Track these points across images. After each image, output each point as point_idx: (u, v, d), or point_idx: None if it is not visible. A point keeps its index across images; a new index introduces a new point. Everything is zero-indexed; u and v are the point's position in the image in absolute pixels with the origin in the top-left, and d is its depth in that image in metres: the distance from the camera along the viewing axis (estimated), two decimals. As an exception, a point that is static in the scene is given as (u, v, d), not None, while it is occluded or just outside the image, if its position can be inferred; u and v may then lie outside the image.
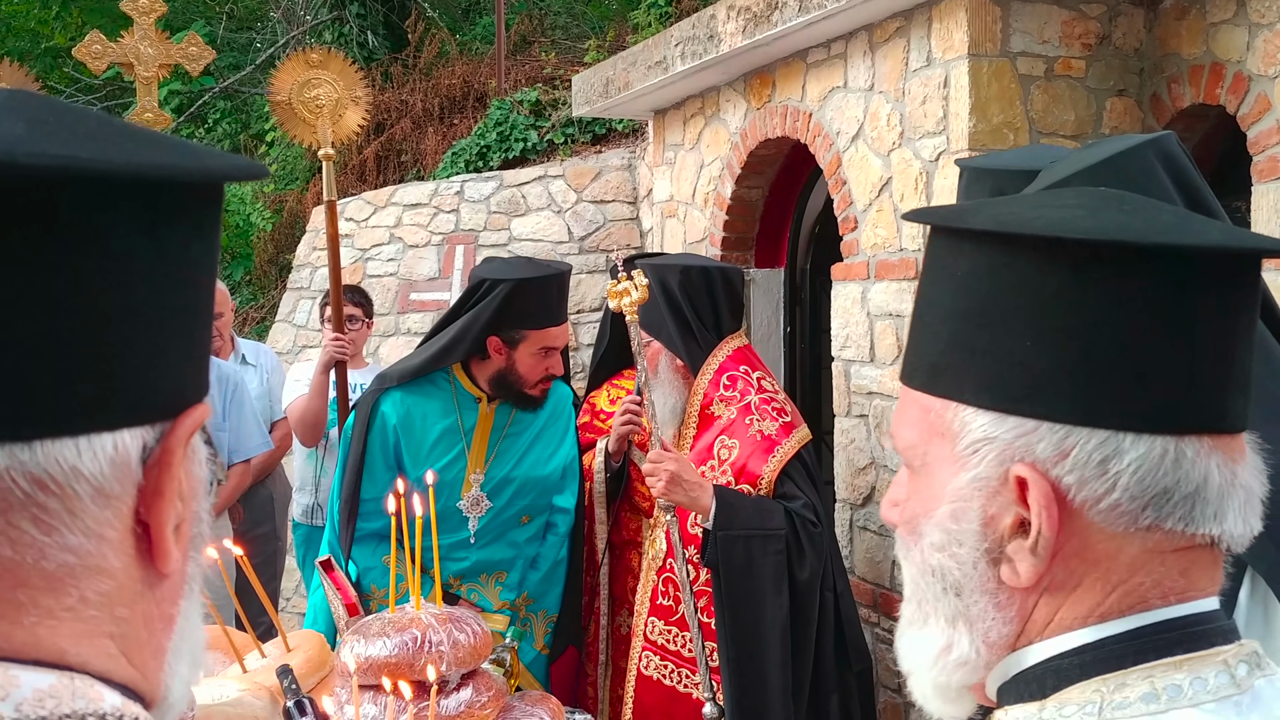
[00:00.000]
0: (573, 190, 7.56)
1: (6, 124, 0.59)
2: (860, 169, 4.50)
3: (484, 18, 13.00)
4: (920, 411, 0.91)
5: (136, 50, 4.33)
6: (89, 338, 0.60)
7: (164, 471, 0.65)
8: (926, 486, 0.91)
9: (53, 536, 0.61)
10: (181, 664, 0.72)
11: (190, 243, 0.66)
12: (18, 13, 15.33)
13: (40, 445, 0.59)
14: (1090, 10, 4.03)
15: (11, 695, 0.59)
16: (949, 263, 0.89)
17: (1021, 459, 0.84)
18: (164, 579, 0.68)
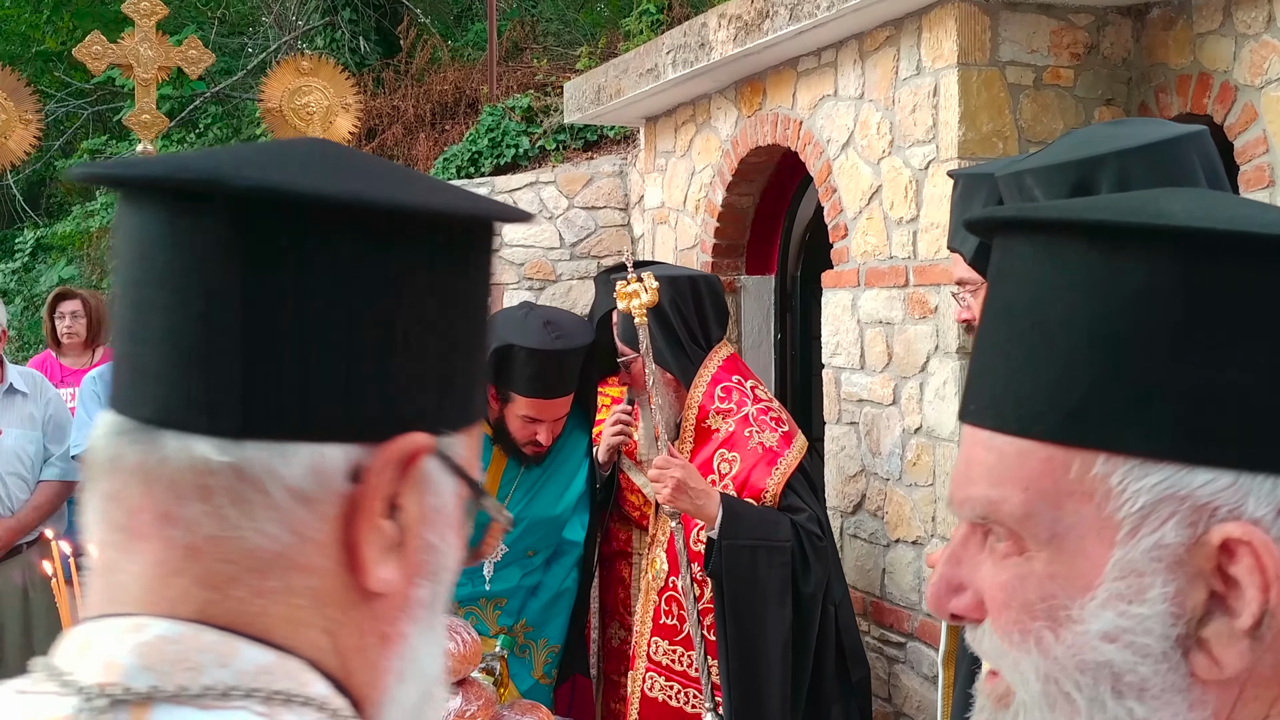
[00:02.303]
0: (564, 196, 7.57)
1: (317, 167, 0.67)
2: (850, 177, 4.52)
3: (476, 24, 13.02)
4: (1043, 467, 0.72)
5: (136, 52, 4.34)
6: (318, 356, 0.66)
7: (367, 490, 0.68)
8: (1063, 561, 0.72)
9: (253, 522, 0.66)
10: (405, 690, 0.73)
11: (448, 277, 0.71)
12: (9, 16, 15.31)
13: (245, 444, 0.65)
14: (1078, 20, 4.05)
15: (232, 664, 0.64)
16: (1113, 274, 0.69)
17: (1232, 518, 0.67)
18: (378, 597, 0.70)
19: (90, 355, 5.79)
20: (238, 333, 0.64)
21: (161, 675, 0.63)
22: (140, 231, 0.67)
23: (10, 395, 4.44)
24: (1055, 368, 0.71)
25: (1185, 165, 1.64)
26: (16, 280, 12.40)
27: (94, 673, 0.64)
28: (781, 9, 4.43)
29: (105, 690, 0.63)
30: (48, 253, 12.82)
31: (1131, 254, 0.69)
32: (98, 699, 0.62)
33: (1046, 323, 0.72)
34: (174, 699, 0.63)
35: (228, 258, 0.64)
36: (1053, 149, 1.81)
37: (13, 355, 9.69)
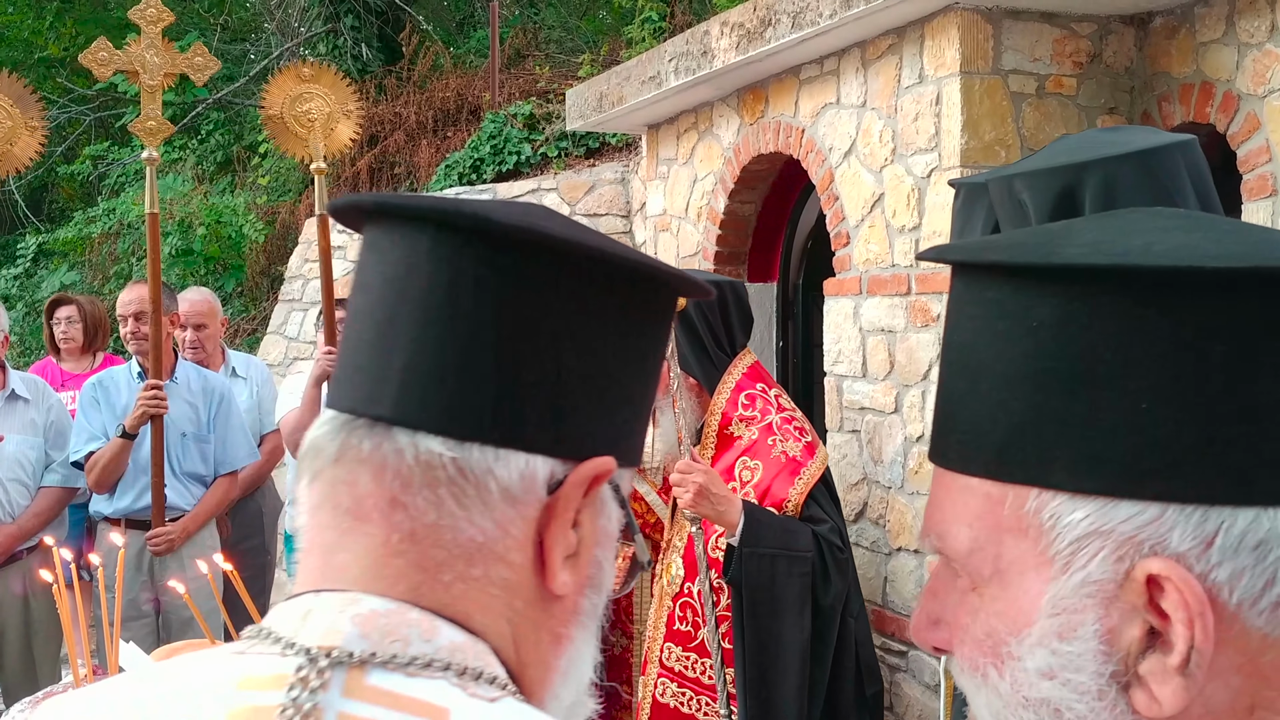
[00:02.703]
0: (566, 203, 7.57)
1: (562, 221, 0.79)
2: (852, 185, 4.51)
3: (478, 31, 13.04)
4: (983, 504, 0.72)
5: (142, 59, 4.33)
6: (539, 378, 0.77)
7: (561, 500, 0.78)
8: (1006, 598, 0.72)
9: (466, 512, 0.76)
10: (566, 689, 0.83)
11: (645, 329, 0.83)
12: (11, 23, 15.33)
13: (470, 445, 0.76)
14: (1081, 29, 4.05)
15: (434, 640, 0.74)
16: (1021, 311, 0.70)
17: (1153, 553, 0.66)
18: (556, 599, 0.80)
19: (90, 360, 5.79)
20: (482, 351, 0.76)
21: (375, 644, 0.73)
22: (395, 256, 0.78)
23: (12, 401, 4.43)
24: (985, 405, 0.72)
25: (1173, 174, 1.64)
26: (18, 286, 12.40)
27: (316, 637, 0.73)
28: (784, 17, 4.43)
29: (328, 653, 0.72)
30: (49, 258, 12.83)
31: (1034, 292, 0.69)
32: (321, 659, 0.72)
33: (974, 360, 0.73)
34: (385, 664, 0.72)
35: (483, 287, 0.76)
36: (1042, 154, 1.81)
37: (14, 361, 9.70)
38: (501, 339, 0.76)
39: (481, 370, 0.76)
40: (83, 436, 4.39)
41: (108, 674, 2.12)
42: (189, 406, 4.51)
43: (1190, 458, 0.65)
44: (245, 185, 11.79)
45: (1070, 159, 1.69)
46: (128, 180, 12.72)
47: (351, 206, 0.82)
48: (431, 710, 0.71)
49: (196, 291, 5.42)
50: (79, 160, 13.58)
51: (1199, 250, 0.66)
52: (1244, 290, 0.65)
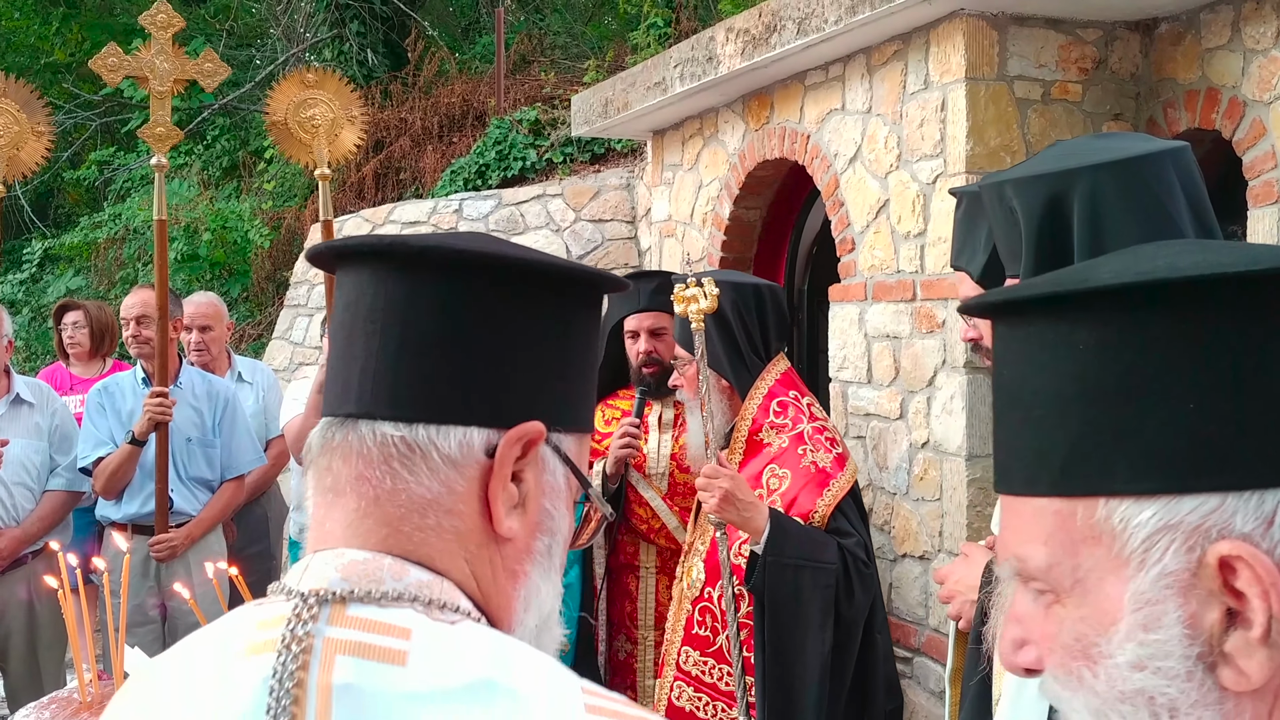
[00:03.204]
0: (571, 209, 7.58)
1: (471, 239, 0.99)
2: (858, 191, 4.52)
3: (484, 36, 13.06)
4: (1056, 520, 0.78)
5: (152, 64, 4.33)
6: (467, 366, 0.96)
7: (497, 460, 0.96)
8: (1090, 603, 0.78)
9: (415, 476, 0.95)
10: (528, 617, 1.02)
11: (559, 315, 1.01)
12: (18, 28, 15.37)
13: (415, 425, 0.95)
14: (1087, 35, 4.05)
15: (403, 579, 0.93)
16: (1063, 339, 0.77)
17: (1220, 537, 0.72)
18: (507, 541, 0.98)
19: (100, 364, 5.80)
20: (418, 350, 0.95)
21: (354, 584, 0.92)
22: (349, 286, 1.00)
23: (17, 405, 4.44)
24: (1042, 429, 0.79)
25: (1163, 181, 1.63)
26: (24, 291, 12.42)
27: (309, 584, 0.93)
28: (789, 23, 4.44)
29: (316, 594, 0.91)
30: (55, 263, 12.85)
31: (1074, 318, 0.77)
32: (311, 599, 0.91)
33: (1026, 391, 0.80)
34: (362, 600, 0.91)
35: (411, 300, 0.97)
36: (1033, 160, 1.81)
37: (20, 365, 9.71)
38: (430, 340, 0.95)
39: (419, 366, 0.95)
40: (90, 442, 4.40)
41: (112, 679, 2.13)
42: (194, 411, 4.52)
43: (1239, 448, 0.72)
44: (251, 190, 11.80)
45: (1058, 166, 1.69)
46: (134, 185, 12.74)
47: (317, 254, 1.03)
48: (397, 630, 0.89)
49: (202, 295, 5.44)
50: (85, 165, 13.60)
51: (1217, 263, 0.73)
52: (1266, 289, 0.72)
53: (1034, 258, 1.66)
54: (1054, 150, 1.77)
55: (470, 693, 0.87)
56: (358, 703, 0.86)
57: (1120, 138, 1.76)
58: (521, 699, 0.87)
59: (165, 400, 4.24)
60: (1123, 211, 1.60)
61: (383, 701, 0.86)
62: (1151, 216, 1.60)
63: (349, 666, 0.88)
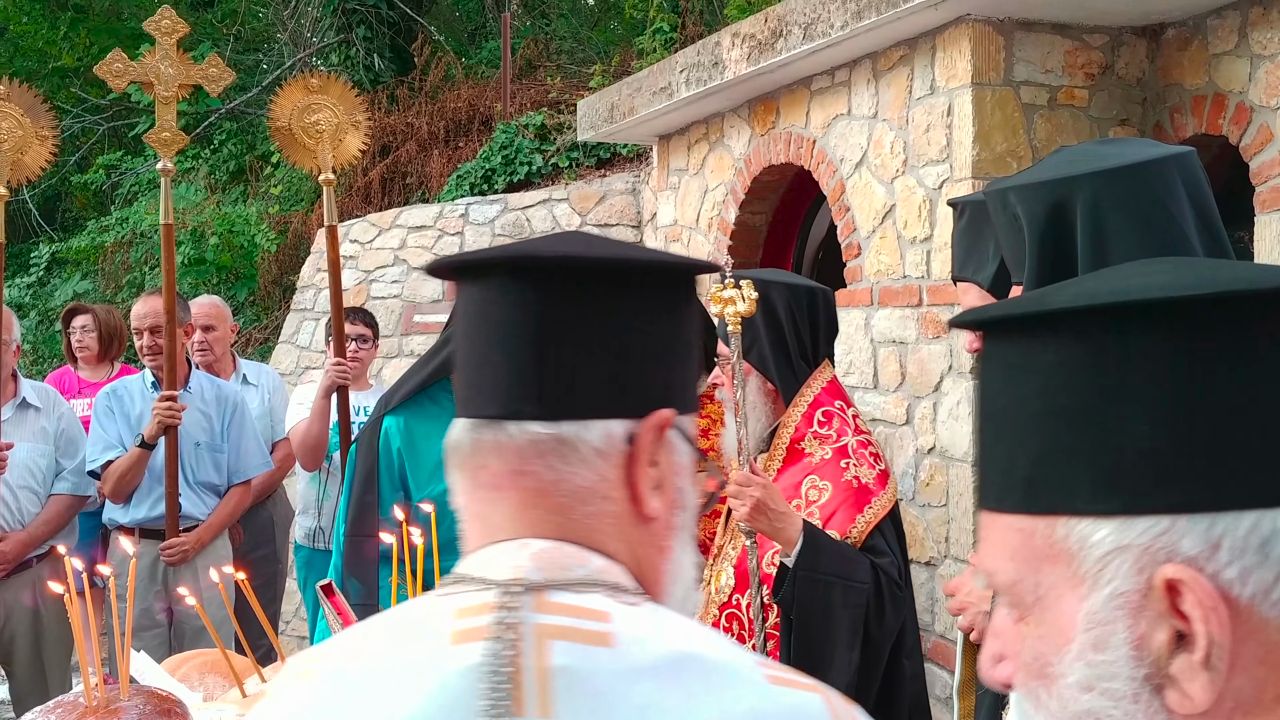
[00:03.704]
0: (577, 214, 7.58)
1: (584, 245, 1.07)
2: (864, 196, 4.51)
3: (490, 41, 13.07)
4: (1020, 538, 0.80)
5: (157, 70, 4.34)
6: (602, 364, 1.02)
7: (638, 447, 1.02)
8: (1048, 621, 0.79)
9: (571, 468, 1.01)
10: (677, 587, 1.08)
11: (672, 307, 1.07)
12: (26, 33, 15.42)
13: (561, 423, 1.01)
14: (1093, 40, 4.05)
15: (587, 565, 1.00)
16: (1030, 359, 0.79)
17: (1168, 560, 0.73)
18: (652, 520, 1.04)
19: (108, 368, 5.81)
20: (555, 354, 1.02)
21: (547, 572, 0.98)
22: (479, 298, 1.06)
23: (23, 409, 4.45)
24: (1009, 446, 0.80)
25: (1168, 187, 1.62)
26: (31, 295, 12.44)
27: (505, 574, 0.98)
28: (795, 28, 4.44)
29: (518, 582, 0.97)
30: (63, 267, 12.87)
31: (1038, 337, 0.78)
32: (514, 587, 0.97)
33: (998, 408, 0.82)
34: (558, 586, 0.97)
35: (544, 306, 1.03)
36: (1038, 167, 1.80)
37: (27, 369, 9.73)
38: (566, 342, 1.02)
39: (558, 367, 1.01)
40: (99, 446, 4.40)
41: (118, 683, 2.13)
42: (203, 416, 4.52)
43: (1190, 471, 0.72)
44: (258, 195, 11.82)
45: (1060, 173, 1.68)
46: (141, 190, 12.76)
47: (441, 267, 1.09)
48: (597, 614, 0.95)
49: (205, 297, 5.45)
50: (92, 169, 13.63)
51: (1173, 285, 0.74)
52: (1215, 313, 0.73)
53: (1037, 265, 1.65)
54: (1058, 156, 1.77)
55: (675, 667, 0.92)
56: (575, 684, 0.91)
57: (1125, 143, 1.75)
58: (719, 670, 0.93)
59: (174, 404, 4.25)
60: (1126, 218, 1.60)
61: (599, 681, 0.91)
62: (1156, 223, 1.59)
63: (563, 650, 0.93)
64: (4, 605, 4.35)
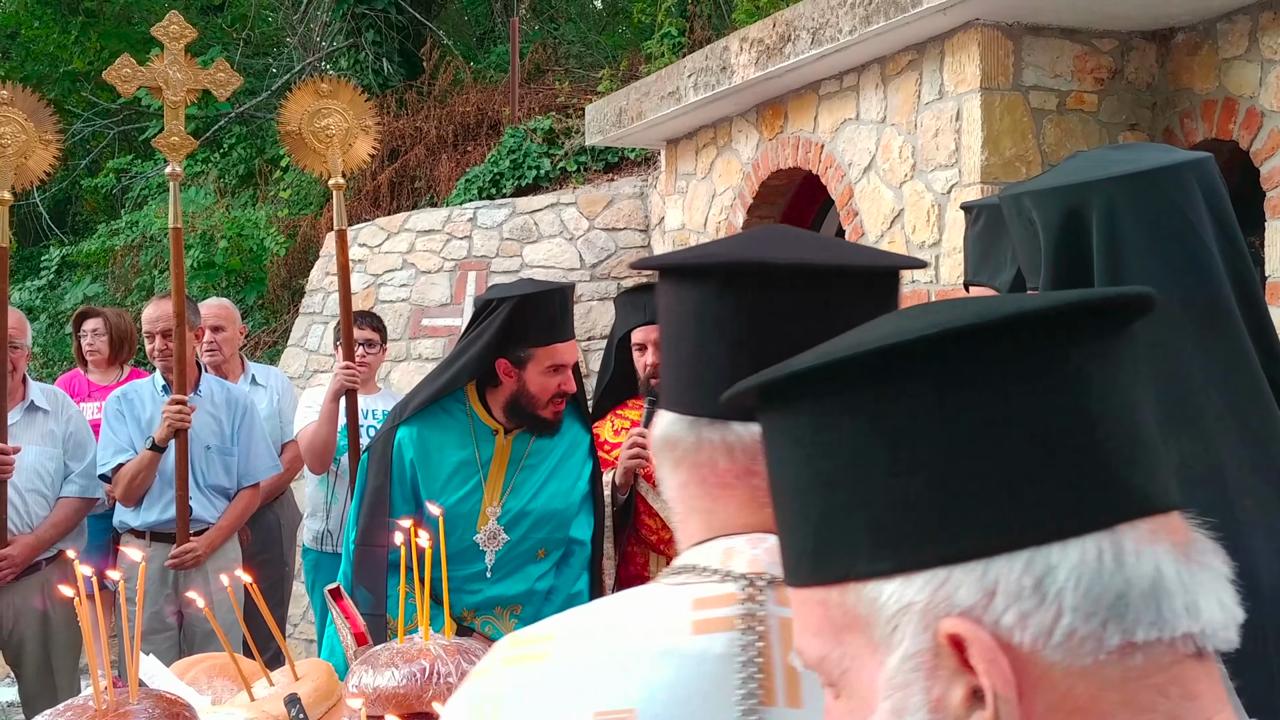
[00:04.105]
0: (585, 218, 7.59)
1: None
2: (872, 200, 4.51)
3: (498, 46, 13.10)
4: (819, 610, 0.76)
5: (166, 75, 4.35)
6: None
7: None
8: (855, 693, 0.76)
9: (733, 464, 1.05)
10: None
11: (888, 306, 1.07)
12: (37, 37, 15.47)
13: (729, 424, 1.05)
14: (1102, 45, 4.04)
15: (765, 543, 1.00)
16: (783, 429, 0.78)
17: (948, 614, 0.69)
18: None
19: (118, 371, 5.83)
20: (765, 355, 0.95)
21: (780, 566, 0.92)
22: (684, 299, 1.09)
23: (31, 412, 4.46)
24: (791, 518, 0.77)
25: (1183, 193, 1.61)
26: (42, 298, 12.48)
27: (744, 567, 0.99)
28: (803, 33, 4.44)
29: (760, 575, 0.98)
30: (73, 270, 12.92)
31: (784, 406, 0.76)
32: (758, 581, 0.98)
33: (776, 480, 0.79)
34: None
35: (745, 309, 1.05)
36: (1053, 172, 1.80)
37: (37, 372, 9.76)
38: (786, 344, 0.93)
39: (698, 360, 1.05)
40: (110, 449, 4.42)
41: (127, 686, 2.13)
42: (213, 419, 4.53)
43: (954, 518, 0.69)
44: (267, 198, 11.85)
45: (1075, 178, 1.67)
46: (150, 193, 12.81)
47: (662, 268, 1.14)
48: None
49: (214, 299, 5.48)
50: (102, 173, 13.68)
51: (886, 334, 0.71)
52: (945, 357, 0.70)
53: (1053, 271, 1.65)
54: (1073, 161, 1.76)
55: None
56: None
57: (1142, 149, 1.74)
58: None
59: (184, 408, 4.26)
60: (1142, 225, 1.59)
61: None
62: (1172, 229, 1.59)
63: None
64: (13, 608, 4.36)
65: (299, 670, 2.47)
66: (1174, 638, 0.68)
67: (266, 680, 2.43)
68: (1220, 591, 0.70)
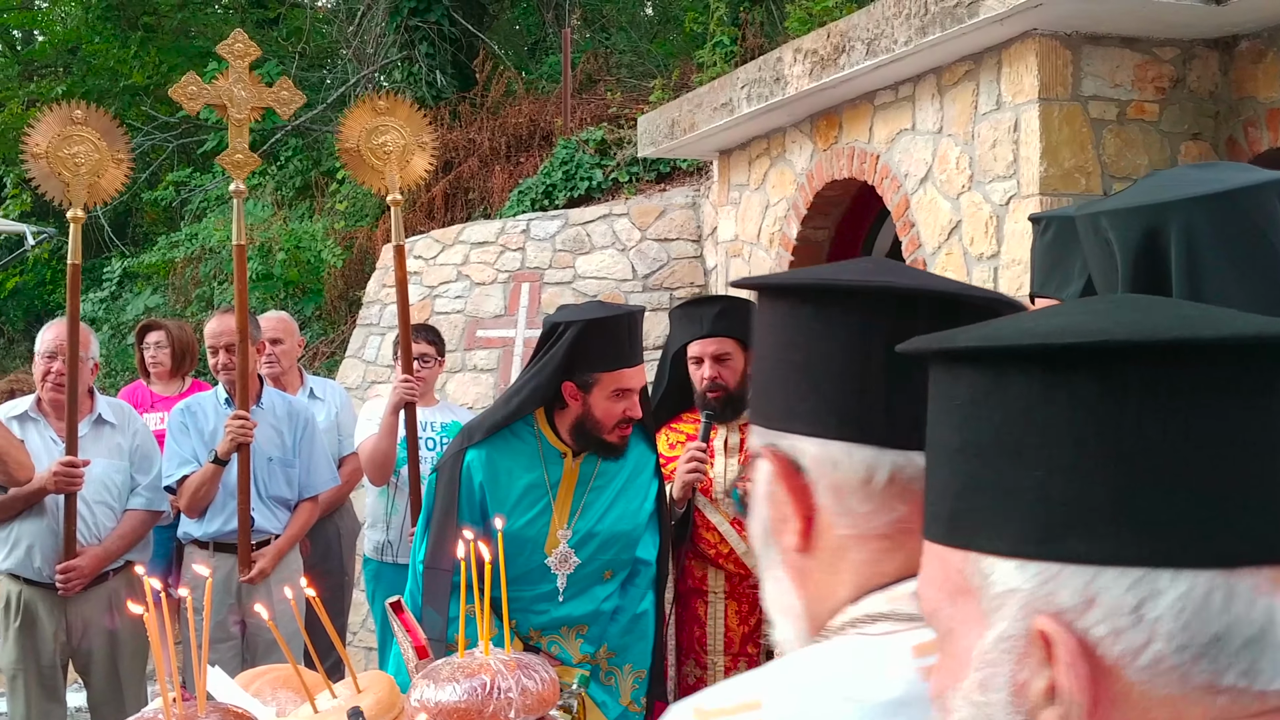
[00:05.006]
0: (637, 229, 7.61)
1: None
2: (929, 211, 4.49)
3: (550, 56, 13.17)
4: (942, 568, 0.79)
5: (230, 93, 4.43)
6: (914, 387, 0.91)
7: None
8: (954, 654, 0.79)
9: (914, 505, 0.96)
10: None
11: None
12: (98, 52, 15.78)
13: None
14: (1164, 53, 3.99)
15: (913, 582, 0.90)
16: (950, 391, 0.78)
17: (1046, 609, 0.71)
18: None
19: (180, 383, 5.92)
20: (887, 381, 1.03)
21: None
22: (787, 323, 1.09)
23: (99, 426, 4.55)
24: (937, 477, 0.80)
25: (1266, 214, 1.59)
26: (104, 309, 12.71)
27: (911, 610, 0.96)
28: (858, 44, 4.42)
29: None
30: (133, 281, 13.15)
31: (955, 372, 0.78)
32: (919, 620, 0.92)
33: (931, 438, 0.81)
34: None
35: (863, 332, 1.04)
36: (1131, 191, 1.78)
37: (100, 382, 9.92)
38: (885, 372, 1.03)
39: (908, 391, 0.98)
40: (174, 462, 4.49)
41: (194, 699, 2.17)
42: (275, 432, 4.60)
43: (1077, 522, 0.70)
44: (324, 210, 11.99)
45: (1153, 199, 1.65)
46: (209, 206, 13.00)
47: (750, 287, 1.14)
48: None
49: (273, 312, 5.57)
50: (162, 186, 13.91)
51: (1078, 328, 0.72)
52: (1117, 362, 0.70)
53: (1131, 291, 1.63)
54: (1151, 180, 1.74)
55: None
56: None
57: (1221, 168, 1.71)
58: None
59: (247, 422, 4.33)
60: (1222, 246, 1.57)
61: None
62: (1251, 250, 1.56)
63: None
64: (81, 618, 4.45)
65: (361, 683, 2.49)
66: (1265, 690, 0.68)
67: (329, 692, 2.46)
68: None
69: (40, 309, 15.46)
